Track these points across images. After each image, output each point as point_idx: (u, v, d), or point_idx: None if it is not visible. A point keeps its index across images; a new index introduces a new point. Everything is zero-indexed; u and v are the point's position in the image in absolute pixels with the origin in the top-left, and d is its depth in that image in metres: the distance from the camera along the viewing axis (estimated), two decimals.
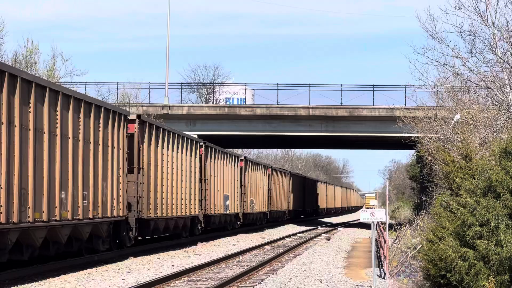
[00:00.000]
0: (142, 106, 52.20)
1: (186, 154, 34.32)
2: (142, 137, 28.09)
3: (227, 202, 43.37)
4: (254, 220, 52.06)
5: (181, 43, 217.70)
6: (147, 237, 33.08)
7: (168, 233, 33.22)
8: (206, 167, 38.46)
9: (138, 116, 27.92)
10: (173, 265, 24.77)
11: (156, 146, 29.70)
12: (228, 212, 43.46)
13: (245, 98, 60.79)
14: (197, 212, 36.14)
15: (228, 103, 61.49)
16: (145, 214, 28.08)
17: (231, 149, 59.63)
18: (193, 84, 75.26)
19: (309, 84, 54.21)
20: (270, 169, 59.14)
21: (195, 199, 35.79)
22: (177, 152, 32.85)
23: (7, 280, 18.94)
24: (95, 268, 22.78)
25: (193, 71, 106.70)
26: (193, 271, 22.69)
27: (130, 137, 27.32)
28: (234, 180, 45.42)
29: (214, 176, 40.02)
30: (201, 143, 37.64)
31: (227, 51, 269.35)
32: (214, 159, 40.19)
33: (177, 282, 20.46)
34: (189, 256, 28.57)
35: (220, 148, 42.11)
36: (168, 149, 31.35)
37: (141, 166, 27.92)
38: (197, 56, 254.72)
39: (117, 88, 54.63)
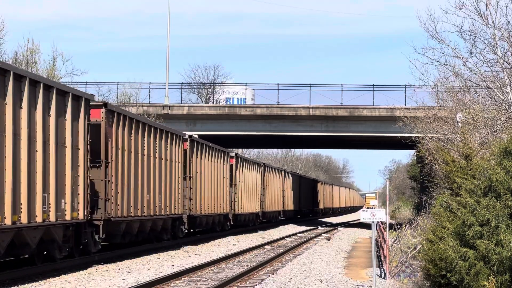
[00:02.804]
0: (142, 106, 52.23)
1: (166, 148, 31.42)
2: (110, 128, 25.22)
3: (216, 202, 41.29)
4: (246, 221, 50.37)
5: (182, 43, 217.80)
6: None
7: (142, 236, 29.45)
8: (191, 163, 35.94)
9: (105, 103, 24.99)
10: (173, 265, 24.78)
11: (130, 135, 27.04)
12: (216, 212, 41.25)
13: (245, 98, 60.81)
14: (179, 212, 33.44)
15: (228, 103, 61.50)
16: (114, 214, 25.17)
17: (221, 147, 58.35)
18: (193, 84, 75.29)
19: (310, 84, 54.31)
20: (263, 167, 56.69)
21: (178, 198, 33.00)
22: (154, 145, 29.89)
23: (7, 280, 18.94)
24: (95, 268, 22.78)
25: (193, 71, 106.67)
26: (193, 271, 22.69)
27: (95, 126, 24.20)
28: (224, 178, 42.98)
29: (201, 173, 37.50)
30: (185, 137, 35.12)
31: (228, 51, 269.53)
32: (202, 155, 37.59)
33: (177, 282, 20.46)
34: (189, 256, 28.57)
35: (209, 143, 39.77)
36: (143, 142, 28.47)
37: (109, 160, 25.07)
38: (198, 56, 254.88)
39: (117, 88, 54.72)
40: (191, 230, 37.99)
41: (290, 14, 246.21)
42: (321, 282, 21.15)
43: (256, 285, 20.28)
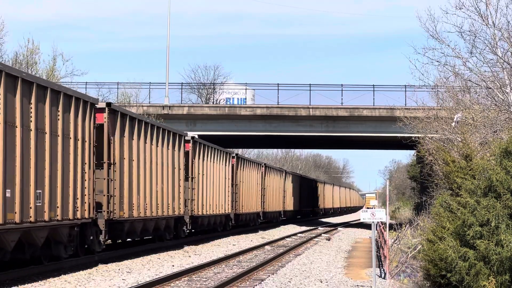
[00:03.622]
0: (142, 106, 52.23)
1: (168, 149, 31.51)
2: (113, 129, 25.64)
3: (217, 202, 41.68)
4: (247, 221, 50.70)
5: (182, 43, 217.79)
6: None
7: (145, 235, 30.31)
8: (194, 164, 36.39)
9: (108, 104, 25.32)
10: (173, 265, 24.78)
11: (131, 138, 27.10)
12: (218, 212, 41.68)
13: (246, 98, 60.81)
14: (182, 213, 33.72)
15: (228, 103, 61.50)
16: (118, 214, 25.64)
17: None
18: (193, 84, 75.28)
19: (310, 84, 54.30)
20: (264, 167, 56.95)
21: (179, 198, 33.19)
22: (157, 146, 30.00)
23: (7, 280, 18.94)
24: (95, 268, 22.79)
25: (193, 71, 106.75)
26: (193, 271, 22.69)
27: (99, 128, 24.56)
28: (225, 178, 43.38)
29: (203, 174, 38.01)
30: (187, 138, 35.42)
31: (228, 51, 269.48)
32: (204, 156, 38.06)
33: (177, 282, 20.46)
34: (189, 256, 28.57)
35: (210, 144, 40.05)
36: (145, 143, 28.66)
37: (111, 161, 25.43)
38: (198, 56, 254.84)
39: (118, 88, 54.71)
40: (193, 230, 38.03)
41: (290, 14, 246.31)
42: (321, 282, 21.15)
43: (256, 285, 20.27)
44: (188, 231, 35.75)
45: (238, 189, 46.63)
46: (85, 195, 22.80)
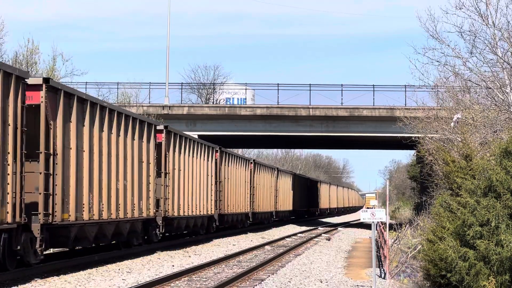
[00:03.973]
0: (142, 106, 52.24)
1: (134, 139, 27.15)
2: (54, 111, 20.99)
3: (198, 202, 36.90)
4: (234, 223, 46.55)
5: (182, 43, 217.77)
6: None
7: (103, 242, 25.96)
8: (167, 157, 31.63)
9: (46, 80, 20.40)
10: (173, 265, 24.77)
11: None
12: (199, 213, 36.93)
13: (246, 98, 60.82)
14: (152, 214, 29.15)
15: (228, 103, 61.50)
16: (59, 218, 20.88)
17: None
18: (193, 84, 75.30)
19: (310, 84, 54.32)
20: (253, 164, 52.11)
21: (149, 198, 28.78)
22: (117, 135, 25.59)
23: (7, 280, 18.94)
24: (95, 268, 22.78)
25: (193, 71, 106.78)
26: (193, 271, 22.69)
27: (33, 109, 19.82)
28: (208, 175, 38.65)
29: (179, 170, 33.21)
30: (159, 127, 30.79)
31: (228, 51, 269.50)
32: (180, 149, 33.36)
33: (177, 282, 20.46)
34: (189, 256, 28.56)
35: (189, 135, 36.10)
36: (102, 130, 24.23)
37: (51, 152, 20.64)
38: (198, 56, 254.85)
39: (117, 88, 54.71)
40: (167, 234, 33.68)
41: (290, 14, 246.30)
42: (321, 282, 21.14)
43: (256, 285, 20.27)
44: (161, 235, 31.09)
45: (223, 187, 42.28)
46: (8, 193, 18.42)
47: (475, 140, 25.16)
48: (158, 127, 30.38)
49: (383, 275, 22.83)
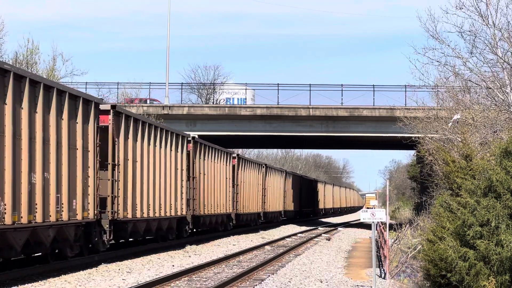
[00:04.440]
0: (142, 106, 52.24)
1: (171, 150, 31.73)
2: (118, 131, 25.79)
3: (219, 202, 40.82)
4: (248, 221, 49.64)
5: (182, 43, 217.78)
6: None
7: (149, 235, 30.34)
8: (195, 164, 35.14)
9: (120, 111, 25.89)
10: (173, 265, 24.77)
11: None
12: (219, 212, 40.77)
13: (246, 98, 60.81)
14: (184, 213, 33.45)
15: (228, 103, 61.50)
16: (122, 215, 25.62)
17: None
18: (193, 84, 75.31)
19: (310, 84, 54.31)
20: (265, 167, 55.62)
21: (182, 199, 32.88)
22: (160, 147, 30.33)
23: (7, 280, 18.94)
24: (95, 268, 22.78)
25: (193, 71, 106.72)
26: (193, 271, 22.69)
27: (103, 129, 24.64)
28: (226, 178, 42.32)
29: (204, 174, 37.16)
30: (189, 138, 34.68)
31: (228, 51, 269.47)
32: (205, 156, 37.33)
33: (177, 282, 20.46)
34: (190, 256, 28.57)
35: (211, 144, 39.01)
36: (149, 144, 28.85)
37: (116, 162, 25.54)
38: (198, 56, 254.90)
39: (118, 88, 54.75)
40: (194, 230, 37.80)
41: (290, 14, 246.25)
42: (321, 282, 21.14)
43: (256, 285, 20.27)
44: (190, 231, 35.50)
45: (239, 189, 46.32)
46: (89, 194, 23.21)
47: (475, 140, 25.16)
48: (188, 138, 34.56)
49: (383, 275, 22.83)
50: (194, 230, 38.31)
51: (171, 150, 31.47)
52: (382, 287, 20.46)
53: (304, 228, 57.39)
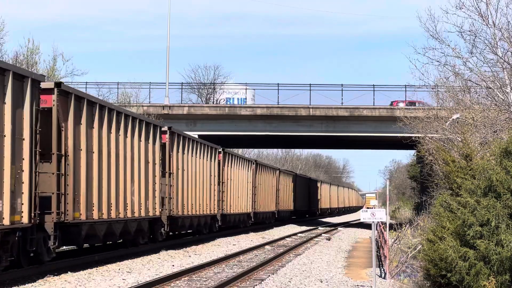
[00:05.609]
0: (142, 106, 52.24)
1: (140, 141, 27.18)
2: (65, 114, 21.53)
3: (201, 201, 36.78)
4: (236, 222, 46.47)
5: (182, 43, 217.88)
6: None
7: (112, 240, 26.23)
8: (171, 158, 31.53)
9: (59, 86, 21.01)
10: (173, 265, 24.77)
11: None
12: (202, 213, 36.75)
13: (246, 98, 60.83)
14: (158, 213, 29.23)
15: (228, 103, 61.51)
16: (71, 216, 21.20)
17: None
18: (193, 84, 75.31)
19: (310, 84, 54.34)
20: (255, 164, 51.98)
21: (154, 197, 28.57)
22: (125, 136, 25.66)
23: (7, 280, 18.94)
24: (95, 268, 22.78)
25: (193, 71, 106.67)
26: (194, 271, 22.69)
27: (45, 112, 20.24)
28: (211, 176, 38.86)
29: (183, 170, 33.36)
30: (163, 129, 30.60)
31: (228, 51, 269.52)
32: (184, 150, 33.60)
33: (177, 282, 20.46)
34: (190, 256, 28.56)
35: (192, 136, 35.79)
36: (110, 132, 24.60)
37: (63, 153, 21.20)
38: (198, 56, 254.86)
39: (118, 88, 54.72)
40: (171, 233, 33.93)
41: (290, 14, 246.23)
42: (321, 282, 21.15)
43: (256, 285, 20.28)
44: (165, 234, 31.25)
45: (225, 187, 42.78)
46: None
47: (475, 140, 25.17)
48: (162, 129, 30.63)
49: (383, 275, 22.83)
50: (177, 233, 35.55)
51: (140, 140, 27.26)
52: (382, 287, 20.46)
53: (304, 228, 57.36)
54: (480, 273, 14.75)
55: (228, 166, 43.73)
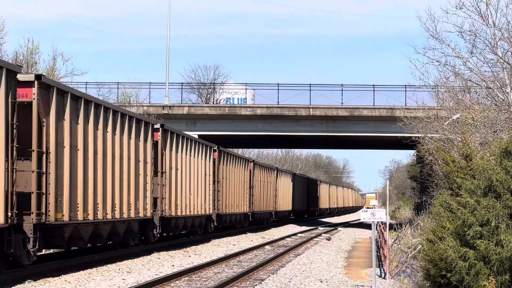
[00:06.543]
0: (142, 106, 52.24)
1: (130, 138, 25.99)
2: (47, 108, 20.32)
3: (195, 202, 35.46)
4: (232, 223, 45.53)
5: (182, 43, 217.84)
6: None
7: (99, 242, 25.28)
8: (164, 156, 30.46)
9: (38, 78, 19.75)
10: (173, 265, 24.77)
11: None
12: (196, 213, 35.60)
13: (246, 98, 60.82)
14: (149, 214, 28.17)
15: (228, 103, 61.50)
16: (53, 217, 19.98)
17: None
18: (193, 84, 75.29)
19: (310, 84, 54.30)
20: (252, 163, 50.90)
21: (146, 197, 27.61)
22: (113, 133, 24.63)
23: (7, 280, 18.93)
24: (95, 268, 22.77)
25: (193, 71, 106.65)
26: (194, 271, 22.69)
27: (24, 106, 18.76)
28: (206, 174, 37.78)
29: (176, 169, 32.24)
30: (156, 126, 29.47)
31: (228, 51, 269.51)
32: (177, 148, 32.49)
33: (177, 282, 20.46)
34: (189, 256, 28.55)
35: (186, 134, 34.82)
36: (97, 129, 23.23)
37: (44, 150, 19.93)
38: (198, 56, 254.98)
39: (118, 88, 54.69)
40: (164, 234, 33.46)
41: (290, 14, 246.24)
42: (321, 282, 21.15)
43: (256, 285, 20.28)
44: (158, 235, 30.28)
45: (221, 187, 41.38)
46: None
47: (475, 140, 25.17)
48: (155, 126, 29.63)
49: (383, 275, 22.83)
50: (170, 234, 34.81)
51: (130, 138, 26.22)
52: (382, 287, 20.46)
53: (304, 228, 57.35)
54: (480, 273, 14.75)
55: (223, 164, 42.38)
